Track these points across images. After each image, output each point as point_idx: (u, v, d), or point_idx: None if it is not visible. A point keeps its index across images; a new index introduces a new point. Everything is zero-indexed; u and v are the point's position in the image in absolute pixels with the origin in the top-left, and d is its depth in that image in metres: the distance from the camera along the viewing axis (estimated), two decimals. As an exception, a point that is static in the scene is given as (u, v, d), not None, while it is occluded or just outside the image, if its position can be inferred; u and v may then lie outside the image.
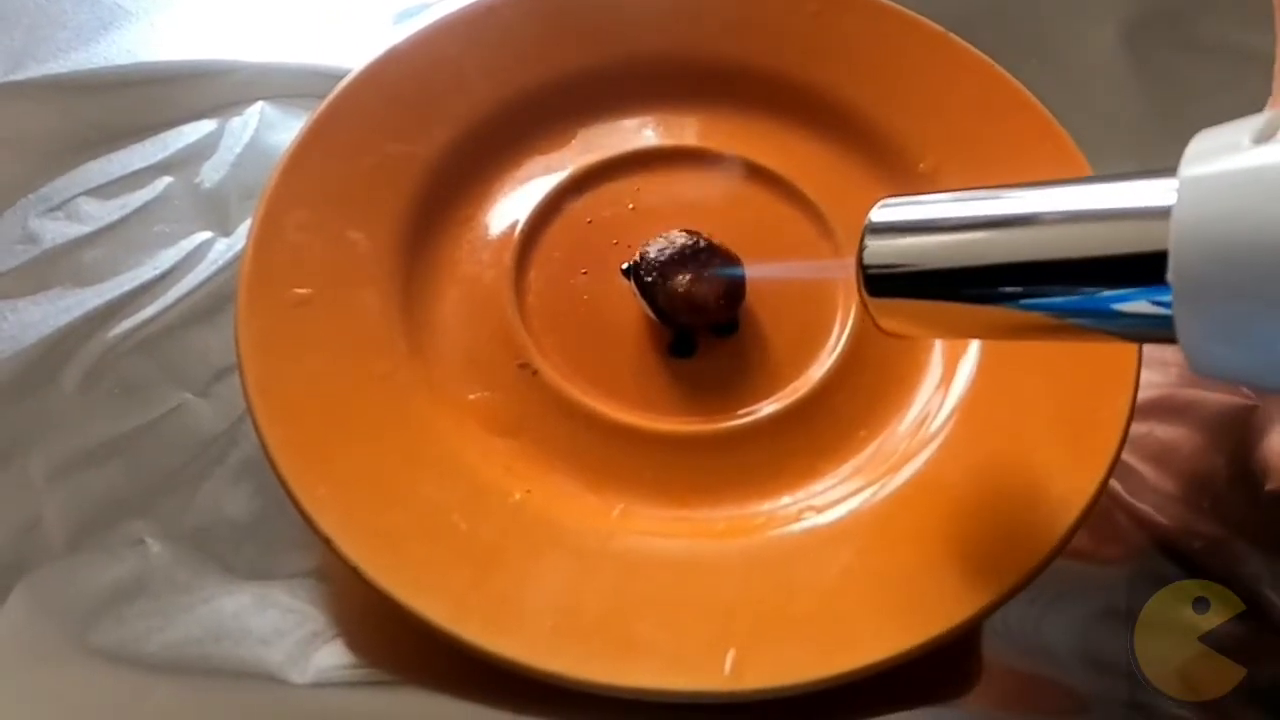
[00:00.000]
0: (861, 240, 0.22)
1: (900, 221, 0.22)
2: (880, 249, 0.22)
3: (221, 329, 0.29)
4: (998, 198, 0.21)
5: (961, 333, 0.26)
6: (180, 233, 0.31)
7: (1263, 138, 0.17)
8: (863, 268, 0.22)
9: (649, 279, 0.27)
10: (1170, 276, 0.17)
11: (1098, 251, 0.18)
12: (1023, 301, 0.20)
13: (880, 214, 0.22)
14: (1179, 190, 0.17)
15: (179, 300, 0.30)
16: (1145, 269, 0.17)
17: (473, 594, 0.23)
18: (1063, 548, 0.24)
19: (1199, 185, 0.17)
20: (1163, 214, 0.17)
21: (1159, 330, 0.18)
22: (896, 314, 0.22)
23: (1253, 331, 0.17)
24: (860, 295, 0.22)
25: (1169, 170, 0.17)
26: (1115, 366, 0.27)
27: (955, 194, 0.22)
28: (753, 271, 0.28)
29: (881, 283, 0.22)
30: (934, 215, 0.22)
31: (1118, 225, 0.18)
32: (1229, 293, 0.16)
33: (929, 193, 0.30)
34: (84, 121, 0.34)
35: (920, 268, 0.21)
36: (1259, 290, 0.16)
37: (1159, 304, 0.17)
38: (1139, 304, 0.18)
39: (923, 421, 0.27)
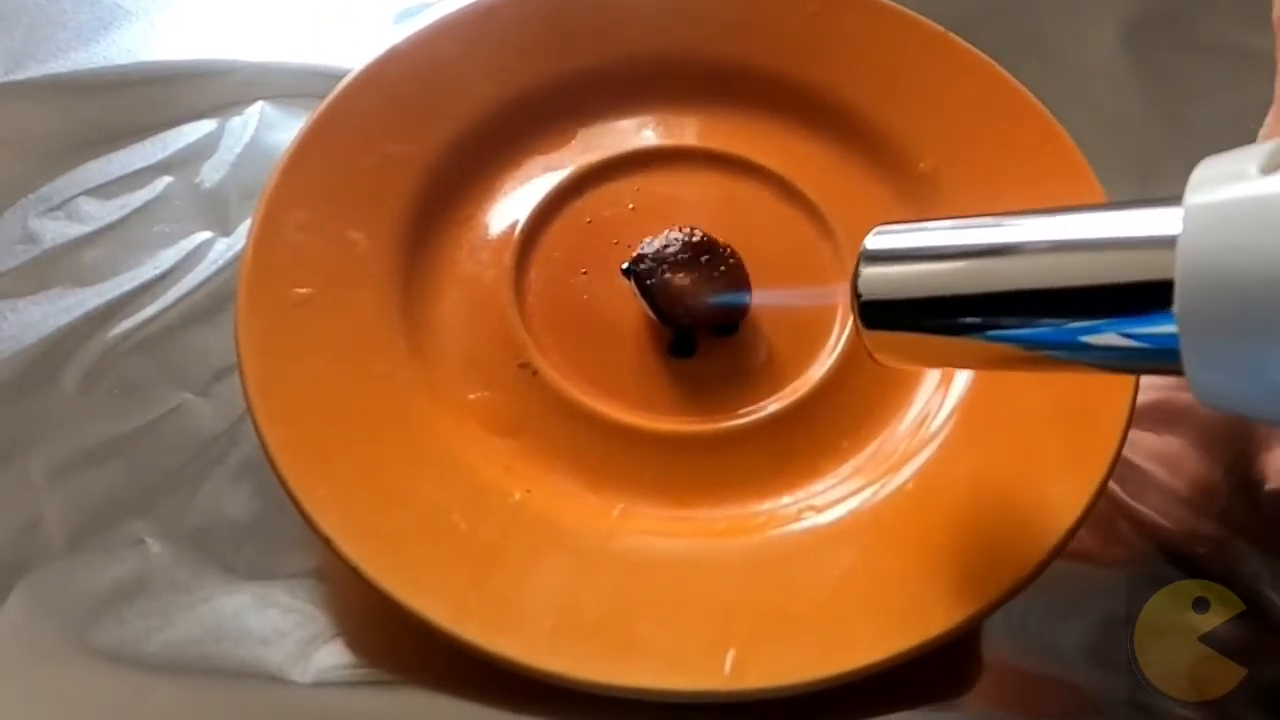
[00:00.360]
0: (856, 268, 0.21)
1: (896, 249, 0.21)
2: (876, 277, 0.21)
3: (221, 329, 0.29)
4: (998, 225, 0.20)
5: (960, 364, 0.26)
6: (180, 233, 0.31)
7: (1270, 167, 0.16)
8: (857, 296, 0.21)
9: (648, 279, 0.27)
10: (1175, 307, 0.16)
11: (1101, 280, 0.18)
12: (1024, 333, 0.19)
13: (876, 241, 0.21)
14: (1184, 219, 0.16)
15: (179, 300, 0.30)
16: (1150, 298, 0.17)
17: (473, 594, 0.23)
18: (1062, 548, 0.24)
19: (1205, 214, 0.16)
20: (1168, 243, 0.16)
21: (1164, 362, 0.17)
22: (893, 348, 0.22)
23: (1261, 364, 0.16)
24: (855, 326, 0.22)
25: (1174, 199, 0.17)
26: (1115, 366, 0.27)
27: (953, 220, 0.21)
28: (756, 299, 0.28)
29: (877, 311, 0.21)
30: (931, 243, 0.21)
31: (1122, 254, 0.18)
32: (1236, 323, 0.16)
33: (927, 193, 0.30)
34: (84, 121, 0.34)
35: (917, 296, 0.21)
36: (1266, 322, 0.16)
37: (1164, 335, 0.17)
38: (1144, 335, 0.17)
39: (923, 421, 0.27)
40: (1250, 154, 0.17)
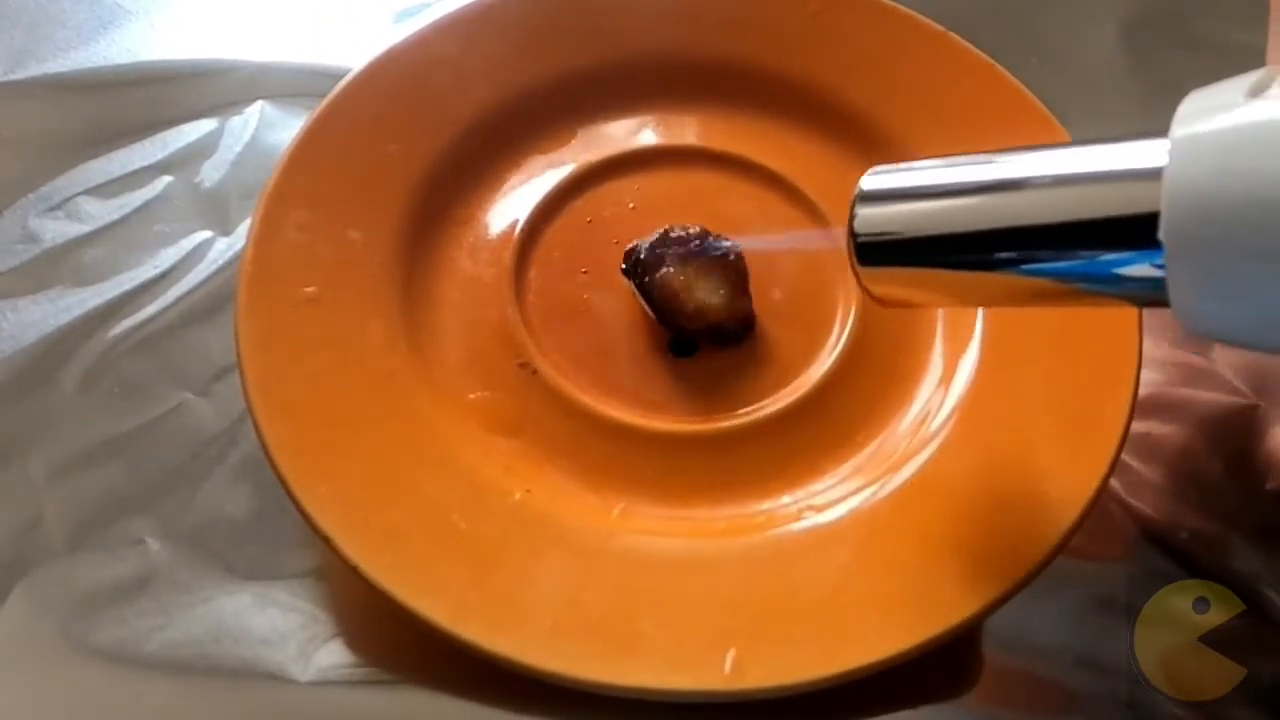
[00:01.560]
0: (852, 208, 0.22)
1: (891, 189, 0.22)
2: (871, 216, 0.22)
3: (221, 329, 0.29)
4: (990, 163, 0.20)
5: (954, 300, 0.26)
6: (180, 232, 0.31)
7: (1255, 93, 0.17)
8: (853, 235, 0.22)
9: (647, 278, 0.27)
10: (1162, 236, 0.17)
11: (1090, 214, 0.18)
12: (1015, 266, 0.20)
13: (871, 181, 0.22)
14: (1170, 150, 0.17)
15: (179, 300, 0.30)
16: (1137, 230, 0.17)
17: (473, 594, 0.23)
18: (1063, 546, 0.24)
19: (1190, 144, 0.17)
20: (1154, 175, 0.17)
21: (1151, 292, 0.18)
22: (888, 282, 0.22)
23: (1245, 288, 0.16)
24: (851, 264, 0.22)
25: (1161, 132, 0.17)
26: (1116, 364, 0.27)
27: (946, 159, 0.21)
28: (745, 244, 0.28)
29: (872, 251, 0.22)
30: (925, 181, 0.21)
31: (1109, 187, 0.18)
32: (1221, 250, 0.16)
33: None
34: (84, 121, 0.34)
35: (912, 235, 0.21)
36: (1250, 246, 0.16)
37: (1151, 265, 0.17)
38: (1132, 266, 0.18)
39: (923, 420, 0.27)
40: (1236, 84, 0.17)
